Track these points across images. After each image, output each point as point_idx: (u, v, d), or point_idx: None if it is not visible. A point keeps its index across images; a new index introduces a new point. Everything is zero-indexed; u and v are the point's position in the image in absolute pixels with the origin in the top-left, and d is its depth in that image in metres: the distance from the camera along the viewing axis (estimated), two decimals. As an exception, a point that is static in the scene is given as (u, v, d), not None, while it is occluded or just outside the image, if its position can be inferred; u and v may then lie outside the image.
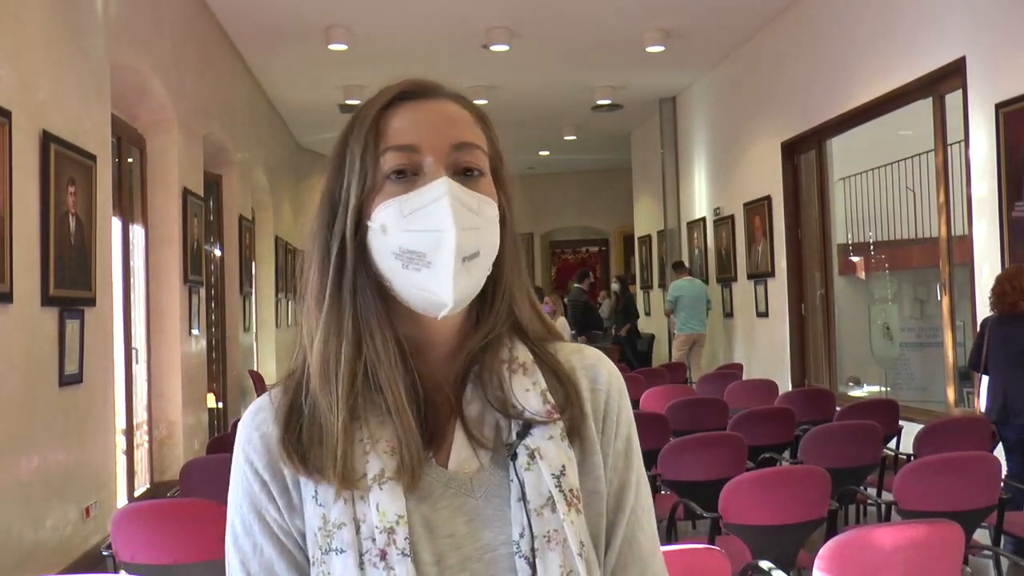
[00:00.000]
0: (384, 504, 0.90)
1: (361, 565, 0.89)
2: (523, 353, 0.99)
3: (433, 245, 0.91)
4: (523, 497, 0.92)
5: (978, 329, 4.87)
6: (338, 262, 0.96)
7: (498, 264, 0.97)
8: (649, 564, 1.00)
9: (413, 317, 0.96)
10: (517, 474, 0.92)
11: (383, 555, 0.89)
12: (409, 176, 0.94)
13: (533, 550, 0.90)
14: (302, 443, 0.93)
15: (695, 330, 10.04)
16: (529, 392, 0.96)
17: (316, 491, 0.92)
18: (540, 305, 1.05)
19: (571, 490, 0.92)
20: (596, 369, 1.02)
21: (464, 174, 0.95)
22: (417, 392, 0.95)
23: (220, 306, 8.93)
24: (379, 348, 0.94)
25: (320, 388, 0.94)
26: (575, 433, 0.96)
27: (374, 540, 0.89)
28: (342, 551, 0.90)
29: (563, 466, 0.93)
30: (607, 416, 1.00)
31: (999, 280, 4.69)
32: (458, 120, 0.97)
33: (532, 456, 0.93)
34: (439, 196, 0.91)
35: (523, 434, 0.94)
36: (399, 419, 0.92)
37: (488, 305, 0.99)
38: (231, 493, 0.98)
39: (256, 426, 0.97)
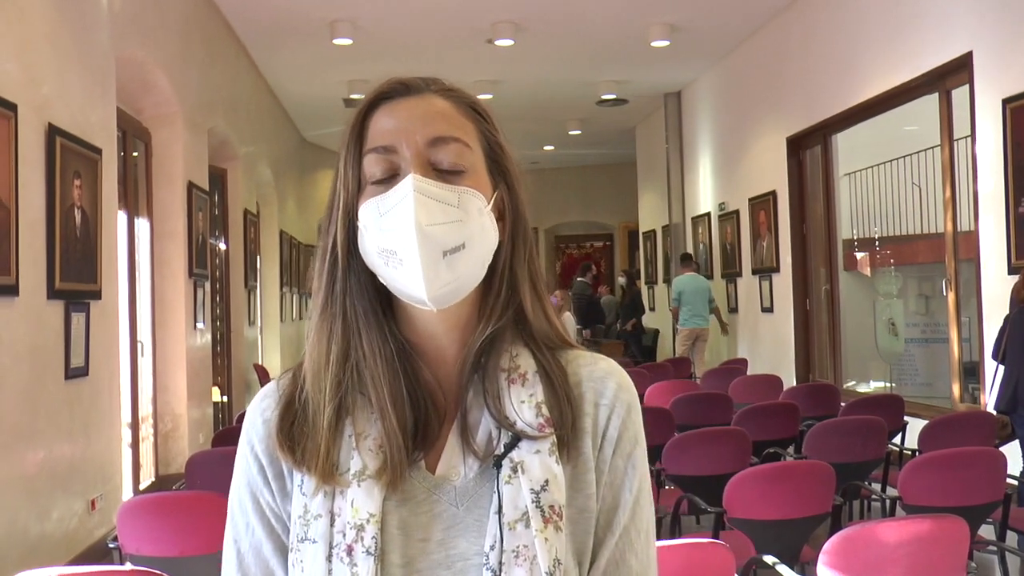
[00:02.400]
0: (359, 501, 0.91)
1: (329, 558, 0.91)
2: (525, 362, 0.97)
3: (403, 242, 0.91)
4: (500, 510, 0.91)
5: (1002, 322, 4.91)
6: (331, 262, 0.97)
7: (496, 256, 0.97)
8: None
9: (414, 319, 0.97)
10: (498, 486, 0.92)
11: (350, 551, 0.90)
12: (390, 178, 0.95)
13: (501, 564, 0.89)
14: (294, 434, 0.96)
15: (698, 325, 10.04)
16: (524, 404, 0.94)
17: (303, 481, 0.95)
18: (551, 306, 1.03)
19: (551, 506, 0.91)
20: (604, 383, 0.99)
21: (446, 171, 0.94)
22: (413, 394, 0.95)
23: (225, 300, 8.93)
24: (366, 349, 0.95)
25: (312, 386, 0.96)
26: (568, 449, 0.95)
27: (344, 535, 0.91)
28: (314, 541, 0.92)
29: (545, 481, 0.91)
30: (607, 432, 0.97)
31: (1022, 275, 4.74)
32: (437, 115, 0.97)
33: (515, 470, 0.92)
34: (405, 194, 0.92)
35: (511, 446, 0.93)
36: (382, 420, 0.94)
37: (489, 299, 0.98)
38: (235, 470, 1.01)
39: (261, 411, 1.00)
